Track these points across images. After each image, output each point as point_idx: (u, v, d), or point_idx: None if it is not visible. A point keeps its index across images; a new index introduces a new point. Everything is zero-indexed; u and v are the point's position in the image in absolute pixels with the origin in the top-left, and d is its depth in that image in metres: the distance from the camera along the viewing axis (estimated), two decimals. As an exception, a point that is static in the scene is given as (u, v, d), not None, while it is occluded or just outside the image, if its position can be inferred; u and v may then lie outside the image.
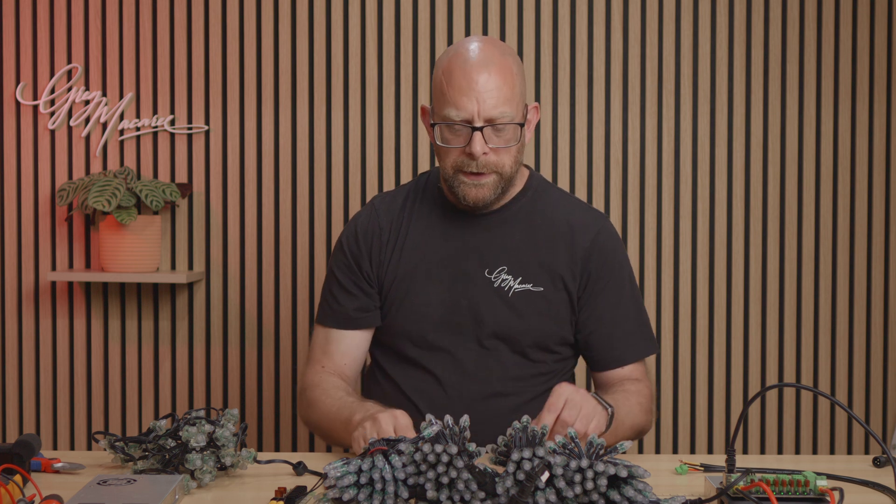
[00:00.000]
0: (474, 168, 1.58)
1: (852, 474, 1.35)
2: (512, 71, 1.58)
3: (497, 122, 1.55)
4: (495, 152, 1.58)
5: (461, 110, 1.55)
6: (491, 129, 1.56)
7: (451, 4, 2.61)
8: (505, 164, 1.59)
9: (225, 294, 2.65)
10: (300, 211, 2.63)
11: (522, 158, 1.66)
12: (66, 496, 1.17)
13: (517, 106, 1.58)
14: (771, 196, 2.64)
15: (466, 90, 1.54)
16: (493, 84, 1.55)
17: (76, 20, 2.63)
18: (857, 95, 2.63)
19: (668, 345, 2.65)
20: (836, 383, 2.66)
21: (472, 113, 1.55)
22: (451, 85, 1.56)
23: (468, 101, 1.54)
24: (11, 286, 2.66)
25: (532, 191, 1.72)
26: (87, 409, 2.67)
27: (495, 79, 1.55)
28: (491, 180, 1.60)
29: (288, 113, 2.63)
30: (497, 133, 1.57)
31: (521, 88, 1.60)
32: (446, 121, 1.57)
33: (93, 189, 2.42)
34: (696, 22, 2.62)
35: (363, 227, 1.73)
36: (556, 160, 2.62)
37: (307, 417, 1.67)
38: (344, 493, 1.16)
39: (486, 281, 1.65)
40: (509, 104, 1.56)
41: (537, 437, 1.19)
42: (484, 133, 1.55)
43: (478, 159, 1.57)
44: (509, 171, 1.61)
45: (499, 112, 1.55)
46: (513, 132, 1.58)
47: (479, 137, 1.55)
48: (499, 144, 1.57)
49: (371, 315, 1.71)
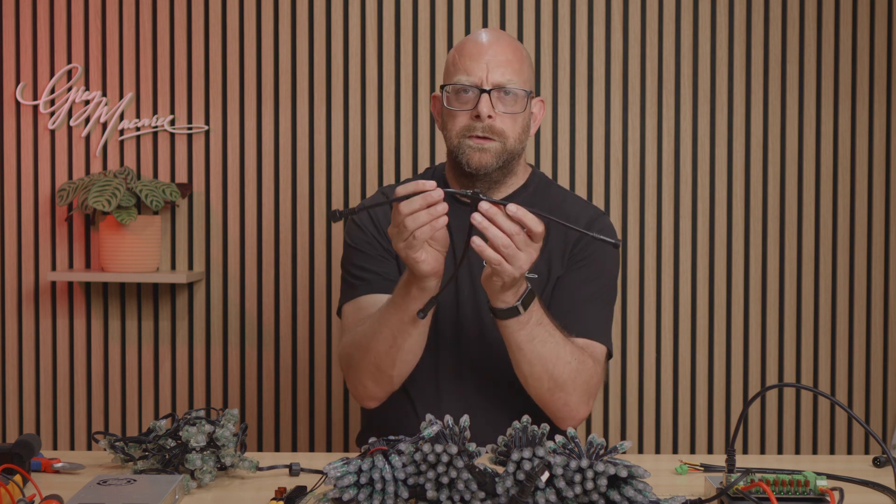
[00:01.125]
0: (479, 131, 1.61)
1: (852, 474, 1.35)
2: (521, 52, 1.67)
3: (505, 86, 1.61)
4: (501, 119, 1.62)
5: (471, 75, 1.62)
6: (498, 95, 1.62)
7: (450, 4, 2.61)
8: (509, 133, 1.63)
9: (225, 294, 2.65)
10: (300, 211, 2.63)
11: (527, 140, 1.68)
12: (66, 496, 1.17)
13: (525, 81, 1.64)
14: (771, 196, 2.64)
15: (476, 57, 1.62)
16: (503, 55, 1.63)
17: (76, 20, 2.63)
18: (857, 95, 2.63)
19: (669, 345, 2.65)
20: (836, 383, 2.66)
21: (480, 77, 1.61)
22: (462, 54, 1.64)
23: (477, 66, 1.61)
24: (11, 286, 2.66)
25: (534, 186, 1.75)
26: (87, 409, 2.67)
27: (505, 51, 1.63)
28: (494, 146, 1.62)
29: (288, 113, 2.63)
30: (504, 101, 1.62)
31: (529, 72, 1.67)
32: (455, 85, 1.62)
33: (93, 189, 2.42)
34: (696, 22, 2.62)
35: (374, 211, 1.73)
36: (556, 160, 2.62)
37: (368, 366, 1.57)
38: (344, 493, 1.16)
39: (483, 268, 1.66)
40: (517, 75, 1.63)
41: (537, 437, 1.19)
42: (491, 97, 1.61)
43: (484, 121, 1.60)
44: (513, 142, 1.64)
45: (506, 79, 1.61)
46: (520, 102, 1.63)
47: (486, 99, 1.60)
48: (505, 111, 1.62)
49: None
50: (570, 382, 1.54)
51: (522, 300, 1.45)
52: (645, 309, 2.64)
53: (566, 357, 1.53)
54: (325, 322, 2.64)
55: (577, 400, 1.56)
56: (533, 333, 1.48)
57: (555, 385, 1.53)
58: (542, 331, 1.49)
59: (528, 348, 1.49)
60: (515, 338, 1.48)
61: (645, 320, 2.64)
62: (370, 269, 1.69)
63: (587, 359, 1.58)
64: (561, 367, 1.52)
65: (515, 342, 1.49)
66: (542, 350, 1.50)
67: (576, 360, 1.54)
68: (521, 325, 1.47)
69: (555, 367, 1.52)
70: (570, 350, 1.54)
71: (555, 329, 1.52)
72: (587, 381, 1.57)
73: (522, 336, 1.48)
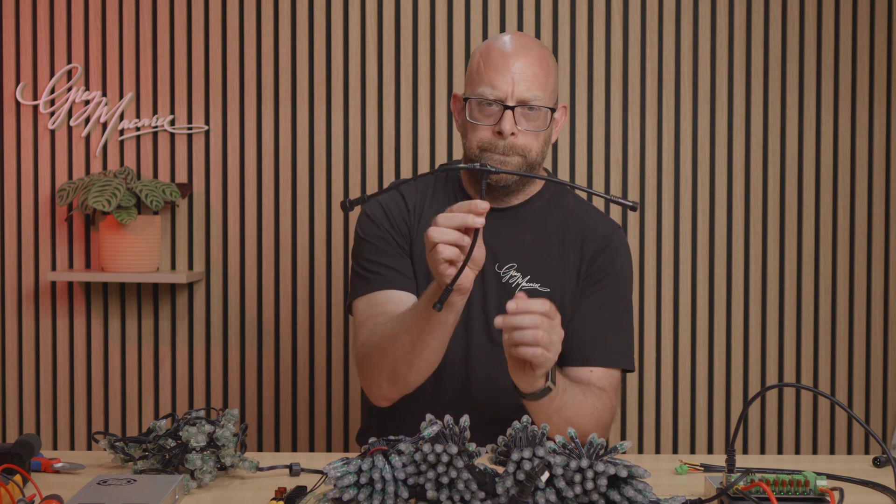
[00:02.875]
0: (500, 149, 1.59)
1: (852, 474, 1.35)
2: (548, 62, 1.63)
3: (529, 103, 1.58)
4: (524, 135, 1.59)
5: (495, 89, 1.58)
6: (522, 112, 1.58)
7: (451, 4, 2.61)
8: (532, 149, 1.60)
9: (225, 294, 2.65)
10: (300, 211, 2.63)
11: (547, 152, 1.66)
12: (66, 496, 1.17)
13: (550, 95, 1.61)
14: (771, 196, 2.64)
15: (503, 70, 1.58)
16: (530, 69, 1.59)
17: (76, 20, 2.63)
18: (857, 95, 2.63)
19: (669, 345, 2.65)
20: (836, 383, 2.66)
21: (505, 92, 1.58)
22: (487, 65, 1.60)
23: (503, 81, 1.58)
24: (11, 286, 2.66)
25: (549, 194, 1.72)
26: (87, 409, 2.67)
27: (532, 64, 1.59)
28: (516, 161, 1.60)
29: (288, 113, 2.63)
30: (527, 117, 1.59)
31: (554, 82, 1.64)
32: (479, 97, 1.59)
33: (93, 189, 2.42)
34: (696, 22, 2.62)
35: (387, 204, 1.70)
36: (556, 160, 2.62)
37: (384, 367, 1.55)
38: (344, 493, 1.16)
39: (495, 276, 1.65)
40: (543, 90, 1.59)
41: (537, 437, 1.19)
42: (515, 114, 1.58)
43: (506, 138, 1.58)
44: (535, 157, 1.61)
45: (532, 95, 1.58)
46: (543, 118, 1.60)
47: (509, 116, 1.57)
48: (528, 128, 1.59)
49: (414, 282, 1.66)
50: (592, 428, 1.55)
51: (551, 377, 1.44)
52: (645, 309, 2.64)
53: (589, 410, 1.54)
54: (325, 322, 2.64)
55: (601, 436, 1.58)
56: (561, 402, 1.48)
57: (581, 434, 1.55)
58: (568, 396, 1.50)
59: (556, 417, 1.49)
60: (546, 412, 1.47)
61: (645, 320, 2.64)
62: (385, 263, 1.66)
63: (607, 399, 1.59)
64: (585, 420, 1.53)
65: (545, 414, 1.48)
66: (570, 414, 1.50)
67: (597, 409, 1.56)
68: (551, 400, 1.47)
69: (580, 421, 1.52)
70: (592, 401, 1.55)
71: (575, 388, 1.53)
72: (607, 421, 1.59)
73: (553, 409, 1.48)
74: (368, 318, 1.63)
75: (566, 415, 1.49)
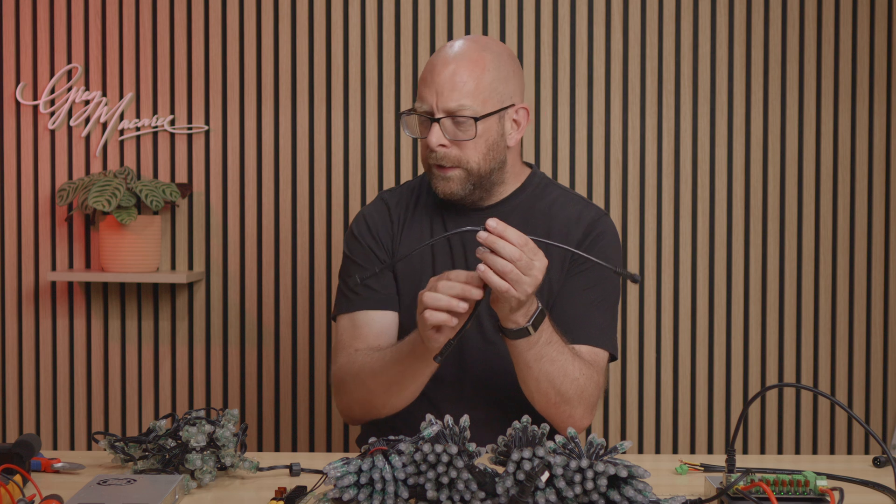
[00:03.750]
0: (436, 160, 1.59)
1: (852, 474, 1.35)
2: (483, 66, 1.58)
3: (456, 114, 1.56)
4: (457, 146, 1.58)
5: (423, 102, 1.58)
6: (451, 122, 1.57)
7: (451, 4, 2.61)
8: (470, 158, 1.59)
9: (225, 294, 2.65)
10: (300, 211, 2.63)
11: (500, 156, 1.63)
12: (66, 496, 1.17)
13: (484, 101, 1.57)
14: (771, 196, 2.64)
15: (429, 82, 1.58)
16: (457, 77, 1.56)
17: (76, 20, 2.63)
18: (857, 95, 2.63)
19: (669, 345, 2.65)
20: (836, 383, 2.66)
21: (431, 104, 1.57)
22: (422, 78, 1.61)
23: (429, 93, 1.57)
24: (11, 286, 2.66)
25: (532, 187, 1.71)
26: (87, 409, 2.67)
27: (460, 72, 1.56)
28: (457, 174, 1.60)
29: (288, 113, 2.63)
30: (458, 126, 1.57)
31: (493, 84, 1.58)
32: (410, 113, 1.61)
33: (93, 189, 2.42)
34: (696, 22, 2.62)
35: (373, 219, 1.73)
36: (556, 160, 2.62)
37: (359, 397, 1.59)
38: (344, 493, 1.16)
39: None
40: (471, 98, 1.56)
41: (537, 437, 1.19)
42: (443, 125, 1.57)
43: (435, 151, 1.58)
44: (476, 166, 1.60)
45: (456, 104, 1.55)
46: (477, 127, 1.57)
47: (436, 129, 1.57)
48: (458, 137, 1.57)
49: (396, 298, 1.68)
50: (575, 398, 1.53)
51: (533, 321, 1.43)
52: (645, 309, 2.64)
53: (574, 374, 1.52)
54: (325, 322, 2.64)
55: (582, 413, 1.56)
56: (542, 353, 1.47)
57: (561, 400, 1.52)
58: (552, 349, 1.48)
59: (536, 367, 1.48)
60: (524, 357, 1.47)
61: (645, 320, 2.64)
62: (369, 284, 1.68)
63: (593, 372, 1.57)
64: (568, 384, 1.51)
65: (524, 361, 1.47)
66: (550, 368, 1.49)
67: (583, 376, 1.53)
68: (530, 345, 1.46)
69: (562, 383, 1.51)
70: (578, 366, 1.53)
71: (563, 346, 1.51)
72: (592, 394, 1.56)
73: (531, 356, 1.47)
74: (349, 341, 1.66)
75: (546, 368, 1.48)
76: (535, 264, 1.36)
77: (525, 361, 1.47)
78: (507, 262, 1.33)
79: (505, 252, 1.33)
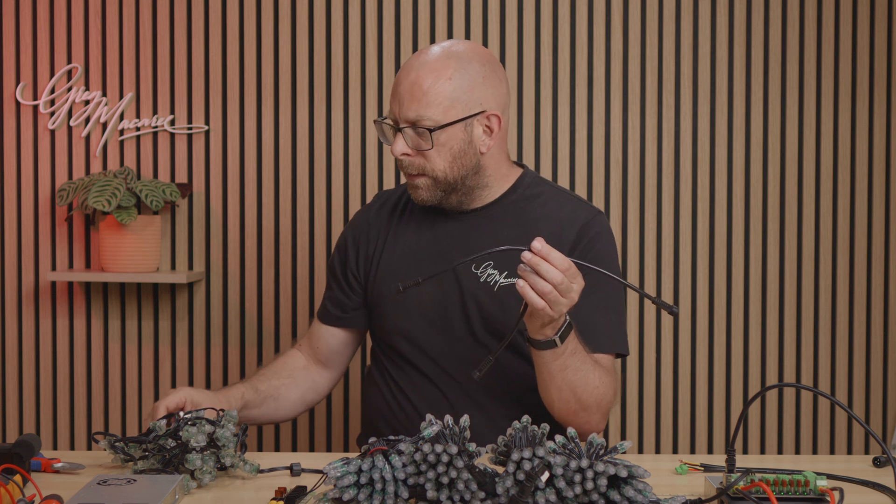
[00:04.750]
0: (403, 168, 1.63)
1: (852, 474, 1.35)
2: (446, 75, 1.58)
3: (416, 124, 1.58)
4: (421, 155, 1.60)
5: (388, 112, 1.62)
6: (412, 131, 1.59)
7: (451, 4, 2.61)
8: (435, 167, 1.60)
9: (225, 294, 2.65)
10: (300, 211, 2.63)
11: (471, 163, 1.62)
12: (66, 496, 1.17)
13: (445, 110, 1.57)
14: (771, 196, 2.64)
15: (395, 91, 1.61)
16: (417, 87, 1.57)
17: (76, 20, 2.63)
18: (857, 95, 2.63)
19: (669, 345, 2.65)
20: (836, 383, 2.66)
21: (395, 114, 1.60)
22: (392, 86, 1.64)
23: (394, 102, 1.61)
24: (11, 286, 2.66)
25: (522, 188, 1.70)
26: (87, 409, 2.67)
27: (420, 82, 1.57)
28: (423, 182, 1.62)
29: (288, 113, 2.63)
30: (419, 135, 1.59)
31: (456, 94, 1.58)
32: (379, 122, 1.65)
33: (93, 189, 2.42)
34: (696, 22, 2.62)
35: (355, 224, 1.79)
36: (556, 160, 2.62)
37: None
38: (344, 493, 1.16)
39: (472, 276, 1.65)
40: (430, 108, 1.56)
41: (537, 437, 1.19)
42: (406, 135, 1.59)
43: (397, 159, 1.61)
44: (442, 174, 1.60)
45: (415, 115, 1.57)
46: (434, 138, 1.58)
47: (399, 139, 1.60)
48: (420, 147, 1.59)
49: (349, 317, 1.76)
50: (594, 405, 1.55)
51: (561, 333, 1.45)
52: (645, 309, 2.64)
53: (594, 382, 1.54)
54: (325, 322, 2.64)
55: (599, 419, 1.58)
56: (566, 363, 1.49)
57: (580, 408, 1.55)
58: (575, 360, 1.50)
59: (559, 377, 1.50)
60: (549, 367, 1.49)
61: (645, 320, 2.64)
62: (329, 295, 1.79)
63: (611, 379, 1.59)
64: (588, 392, 1.53)
65: (548, 371, 1.49)
66: (573, 378, 1.51)
67: (602, 384, 1.55)
68: (556, 356, 1.47)
69: (583, 392, 1.53)
70: (598, 374, 1.55)
71: (586, 356, 1.53)
72: (609, 401, 1.59)
73: (556, 366, 1.49)
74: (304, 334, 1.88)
75: (569, 377, 1.50)
76: (574, 287, 1.39)
77: (549, 371, 1.49)
78: (547, 283, 1.36)
79: (549, 275, 1.36)
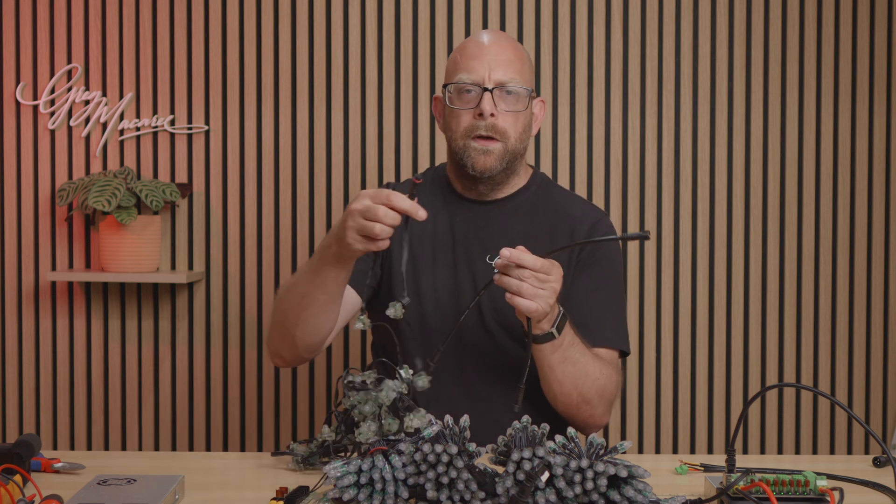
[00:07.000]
0: (483, 131, 1.62)
1: (852, 474, 1.35)
2: (523, 53, 1.69)
3: (506, 85, 1.62)
4: (503, 117, 1.63)
5: (472, 73, 1.63)
6: (500, 94, 1.63)
7: (451, 4, 2.61)
8: (510, 132, 1.64)
9: (225, 294, 2.65)
10: (300, 211, 2.63)
11: (528, 139, 1.70)
12: (66, 496, 1.17)
13: (527, 81, 1.66)
14: (771, 196, 2.64)
15: (478, 55, 1.64)
16: (504, 54, 1.64)
17: (76, 20, 2.63)
18: (857, 95, 2.63)
19: (669, 345, 2.65)
20: (836, 383, 2.66)
21: (482, 76, 1.62)
22: (464, 54, 1.66)
23: (479, 65, 1.63)
24: (11, 286, 2.66)
25: (535, 186, 1.76)
26: (87, 409, 2.67)
27: (507, 50, 1.65)
28: (497, 148, 1.64)
29: (288, 113, 2.63)
30: (506, 100, 1.63)
31: (530, 72, 1.69)
32: (458, 84, 1.64)
33: (93, 189, 2.42)
34: (696, 22, 2.62)
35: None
36: (556, 160, 2.62)
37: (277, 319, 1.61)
38: (344, 493, 1.16)
39: (486, 267, 1.67)
40: (519, 74, 1.64)
41: (537, 437, 1.19)
42: (493, 95, 1.62)
43: (486, 119, 1.61)
44: (514, 142, 1.65)
45: (508, 77, 1.63)
46: (521, 101, 1.64)
47: (488, 97, 1.61)
48: (507, 109, 1.63)
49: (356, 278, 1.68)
50: (596, 397, 1.57)
51: (556, 324, 1.48)
52: (645, 309, 2.64)
53: (595, 374, 1.56)
54: (325, 322, 2.64)
55: (602, 411, 1.60)
56: (565, 355, 1.51)
57: (582, 401, 1.57)
58: (574, 351, 1.52)
59: (559, 369, 1.52)
60: (548, 360, 1.51)
61: (645, 320, 2.64)
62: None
63: (612, 371, 1.61)
64: (589, 384, 1.55)
65: (548, 364, 1.52)
66: (573, 370, 1.53)
67: (603, 376, 1.57)
68: (554, 348, 1.50)
69: (583, 384, 1.55)
70: (598, 366, 1.57)
71: (584, 348, 1.55)
72: (612, 393, 1.61)
73: (555, 358, 1.51)
74: None
75: (570, 370, 1.52)
76: (548, 280, 1.40)
77: (549, 365, 1.52)
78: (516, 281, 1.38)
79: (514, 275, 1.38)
